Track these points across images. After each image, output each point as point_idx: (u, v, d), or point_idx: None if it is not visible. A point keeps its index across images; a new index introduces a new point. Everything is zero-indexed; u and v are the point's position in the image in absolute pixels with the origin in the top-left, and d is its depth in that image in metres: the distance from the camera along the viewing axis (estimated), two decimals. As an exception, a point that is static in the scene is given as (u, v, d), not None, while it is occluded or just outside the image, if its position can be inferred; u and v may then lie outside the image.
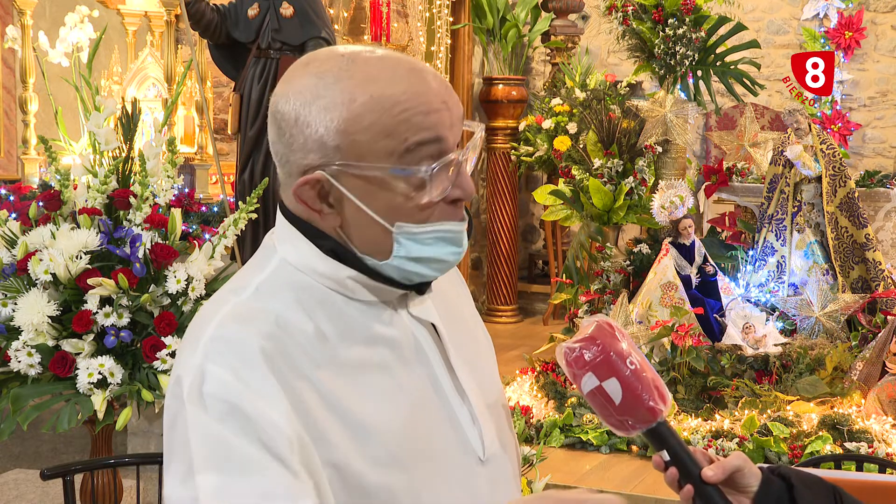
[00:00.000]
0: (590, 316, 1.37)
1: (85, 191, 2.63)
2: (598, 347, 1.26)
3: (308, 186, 1.18)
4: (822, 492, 1.37)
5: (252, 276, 1.24)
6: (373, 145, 1.16)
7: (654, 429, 1.29)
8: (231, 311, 1.18)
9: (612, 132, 5.51)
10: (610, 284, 5.15)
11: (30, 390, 2.42)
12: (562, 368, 1.30)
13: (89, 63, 2.90)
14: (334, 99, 1.16)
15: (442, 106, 1.19)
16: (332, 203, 1.20)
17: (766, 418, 4.23)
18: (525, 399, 4.66)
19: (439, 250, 1.21)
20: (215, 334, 1.15)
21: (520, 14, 7.48)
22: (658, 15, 5.11)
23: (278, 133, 1.20)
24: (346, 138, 1.16)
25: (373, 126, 1.16)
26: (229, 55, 5.38)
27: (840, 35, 7.60)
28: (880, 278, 4.92)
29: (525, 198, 7.96)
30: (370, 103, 1.16)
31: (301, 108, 1.17)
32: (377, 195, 1.18)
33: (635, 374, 1.26)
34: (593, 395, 1.27)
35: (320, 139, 1.17)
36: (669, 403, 1.30)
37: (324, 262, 1.22)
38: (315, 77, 1.19)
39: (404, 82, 1.18)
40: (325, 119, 1.16)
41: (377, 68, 1.19)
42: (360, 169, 1.17)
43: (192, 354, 1.15)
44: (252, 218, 2.75)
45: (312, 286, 1.22)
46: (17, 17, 5.63)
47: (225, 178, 4.70)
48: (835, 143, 5.14)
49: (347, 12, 6.73)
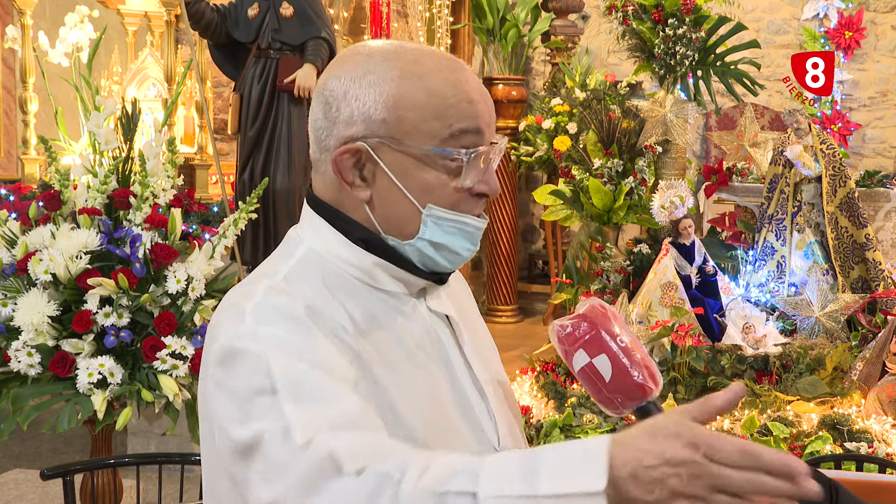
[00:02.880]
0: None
1: (85, 191, 2.63)
2: (589, 325, 1.28)
3: (348, 155, 1.22)
4: (818, 483, 1.37)
5: (279, 263, 1.26)
6: (420, 124, 1.20)
7: (644, 407, 1.30)
8: (267, 288, 1.19)
9: (612, 132, 5.51)
10: (610, 284, 5.15)
11: (30, 390, 2.42)
12: (555, 347, 1.32)
13: (89, 63, 2.90)
14: (384, 75, 1.21)
15: (481, 99, 1.25)
16: (365, 177, 1.23)
17: (766, 418, 4.23)
18: (525, 399, 4.66)
19: (456, 242, 1.25)
20: (261, 302, 1.16)
21: (520, 14, 7.48)
22: (658, 15, 5.11)
23: (325, 108, 1.24)
24: (394, 113, 1.20)
25: (423, 106, 1.20)
26: (229, 55, 5.38)
27: (840, 35, 7.60)
28: (880, 278, 4.92)
29: (525, 198, 7.96)
30: (420, 82, 1.21)
31: (351, 83, 1.22)
32: (413, 174, 1.22)
33: (625, 352, 1.28)
34: (584, 372, 1.29)
35: (367, 112, 1.21)
36: (660, 384, 1.32)
37: (350, 249, 1.25)
38: (365, 56, 1.24)
39: (450, 72, 1.23)
40: (374, 93, 1.21)
41: (423, 54, 1.24)
42: (401, 145, 1.21)
43: (240, 321, 1.14)
44: (252, 218, 2.75)
45: (339, 273, 1.24)
46: (17, 17, 5.63)
47: (225, 178, 4.70)
48: (835, 143, 5.14)
49: (347, 12, 6.73)
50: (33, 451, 4.93)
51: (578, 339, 1.28)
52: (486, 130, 1.24)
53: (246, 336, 1.12)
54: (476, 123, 1.23)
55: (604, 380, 1.28)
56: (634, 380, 1.28)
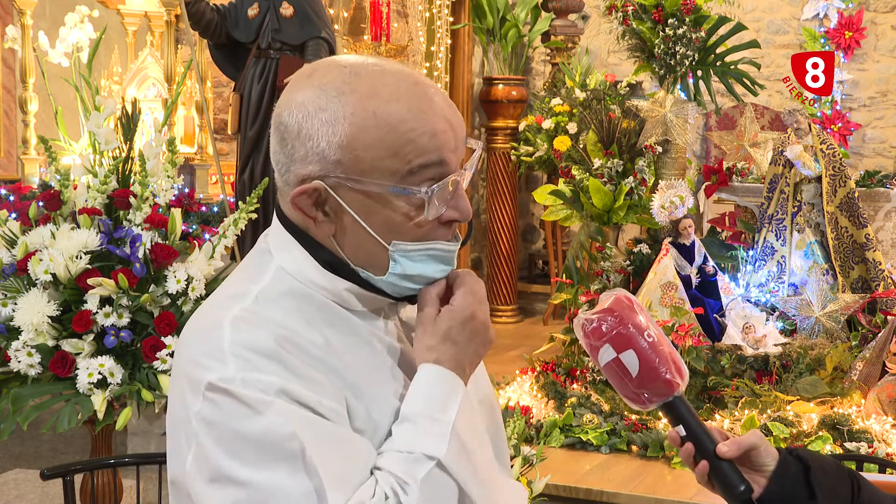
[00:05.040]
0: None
1: (85, 191, 2.63)
2: (616, 319, 1.26)
3: (305, 195, 1.19)
4: (840, 476, 1.36)
5: (250, 283, 1.24)
6: (377, 163, 1.16)
7: (671, 402, 1.29)
8: (238, 315, 1.18)
9: (612, 132, 5.51)
10: (610, 284, 5.15)
11: (30, 390, 2.42)
12: (579, 340, 1.31)
13: (89, 63, 2.90)
14: (336, 112, 1.16)
15: (447, 127, 1.19)
16: (327, 212, 1.20)
17: (767, 418, 4.23)
18: (525, 399, 4.65)
19: (428, 267, 1.23)
20: (235, 339, 1.15)
21: (520, 14, 7.48)
22: (658, 15, 5.11)
23: (281, 143, 1.21)
24: (349, 154, 1.16)
25: (377, 144, 1.16)
26: (229, 55, 5.38)
27: (840, 35, 7.60)
28: (880, 278, 4.92)
29: (525, 198, 7.96)
30: (374, 120, 1.16)
31: (304, 120, 1.17)
32: (375, 211, 1.18)
33: (653, 347, 1.26)
34: (610, 367, 1.28)
35: (322, 152, 1.17)
36: (686, 378, 1.30)
37: (320, 273, 1.23)
38: (318, 89, 1.18)
39: (409, 100, 1.17)
40: (327, 133, 1.16)
41: (381, 83, 1.18)
42: (360, 184, 1.17)
43: (223, 364, 1.14)
44: (252, 218, 2.75)
45: (311, 295, 1.22)
46: (17, 17, 5.63)
47: (225, 178, 4.70)
48: (835, 143, 5.14)
49: (347, 12, 6.73)
50: (33, 451, 4.93)
51: (605, 334, 1.26)
52: (450, 159, 1.19)
53: (237, 381, 1.13)
54: (438, 156, 1.18)
55: (630, 375, 1.26)
56: (662, 375, 1.26)
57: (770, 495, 1.31)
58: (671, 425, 1.32)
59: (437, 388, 1.19)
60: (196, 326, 1.23)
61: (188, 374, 1.17)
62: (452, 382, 1.20)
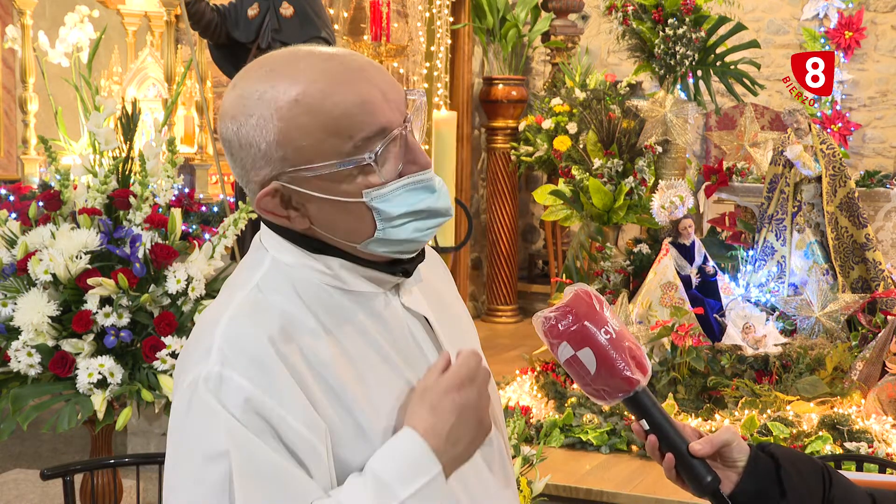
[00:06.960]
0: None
1: (85, 191, 2.63)
2: (573, 317, 1.27)
3: (269, 198, 1.20)
4: (812, 470, 1.36)
5: (250, 274, 1.26)
6: (319, 146, 1.17)
7: (632, 398, 1.29)
8: (236, 308, 1.20)
9: (612, 132, 5.51)
10: (610, 284, 5.15)
11: (30, 390, 2.42)
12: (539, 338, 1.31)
13: (89, 63, 2.90)
14: (263, 113, 1.17)
15: (374, 90, 1.19)
16: (296, 206, 1.21)
17: (766, 418, 4.23)
18: (525, 399, 4.65)
19: (412, 198, 1.21)
20: (227, 334, 1.17)
21: (520, 14, 7.48)
22: (658, 15, 5.11)
23: (231, 157, 1.23)
24: (290, 147, 1.17)
25: (312, 128, 1.17)
26: (229, 55, 5.37)
27: (840, 35, 7.60)
28: (880, 278, 4.92)
29: (525, 198, 7.96)
30: (299, 107, 1.17)
31: (238, 128, 1.19)
32: (335, 188, 1.19)
33: (612, 343, 1.26)
34: (569, 364, 1.29)
35: (265, 154, 1.18)
36: (648, 373, 1.30)
37: (314, 259, 1.24)
38: (239, 97, 1.20)
39: (327, 77, 1.18)
40: (261, 134, 1.17)
41: (296, 69, 1.19)
42: (312, 171, 1.18)
43: (206, 358, 1.16)
44: (252, 218, 2.75)
45: (309, 280, 1.24)
46: (17, 17, 5.63)
47: (225, 178, 4.70)
48: (835, 143, 5.14)
49: (347, 12, 6.73)
50: (33, 451, 4.93)
51: (562, 332, 1.27)
52: (391, 119, 1.18)
53: (212, 378, 1.14)
54: (377, 125, 1.18)
55: (589, 373, 1.27)
56: (621, 372, 1.26)
57: (741, 492, 1.32)
58: (635, 419, 1.32)
59: (403, 458, 1.16)
60: (196, 326, 1.26)
61: (178, 369, 1.23)
62: (422, 461, 1.16)
